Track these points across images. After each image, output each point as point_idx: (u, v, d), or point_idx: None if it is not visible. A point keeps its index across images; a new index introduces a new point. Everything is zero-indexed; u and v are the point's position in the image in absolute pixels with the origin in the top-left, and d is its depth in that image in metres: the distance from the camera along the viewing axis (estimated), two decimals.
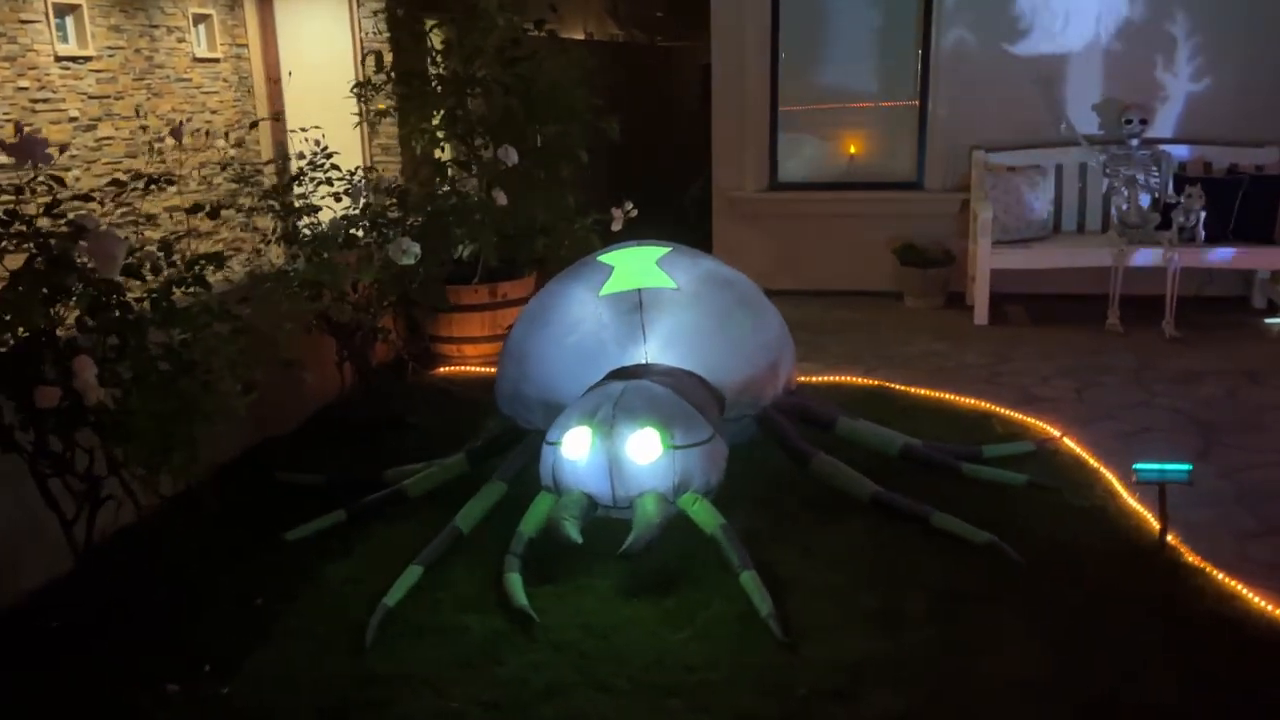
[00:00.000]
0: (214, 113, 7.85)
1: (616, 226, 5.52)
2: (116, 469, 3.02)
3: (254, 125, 7.00)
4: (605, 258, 4.34)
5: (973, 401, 5.06)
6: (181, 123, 5.00)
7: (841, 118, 7.62)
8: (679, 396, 3.58)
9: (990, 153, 6.96)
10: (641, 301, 4.06)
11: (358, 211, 4.65)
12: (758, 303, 4.33)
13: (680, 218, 8.58)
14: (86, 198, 3.00)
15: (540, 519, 3.43)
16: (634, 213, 5.53)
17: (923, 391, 5.24)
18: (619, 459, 3.36)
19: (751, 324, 4.20)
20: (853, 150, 7.63)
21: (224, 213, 4.03)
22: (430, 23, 6.13)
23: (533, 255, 5.96)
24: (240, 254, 4.96)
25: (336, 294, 4.53)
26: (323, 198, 4.67)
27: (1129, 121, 6.66)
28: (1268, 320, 6.44)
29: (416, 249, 4.25)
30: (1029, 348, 6.06)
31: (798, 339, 4.57)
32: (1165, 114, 6.83)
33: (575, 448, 3.42)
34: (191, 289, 3.10)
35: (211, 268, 3.18)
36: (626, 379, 3.69)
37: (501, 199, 5.17)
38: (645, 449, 3.37)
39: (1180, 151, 6.72)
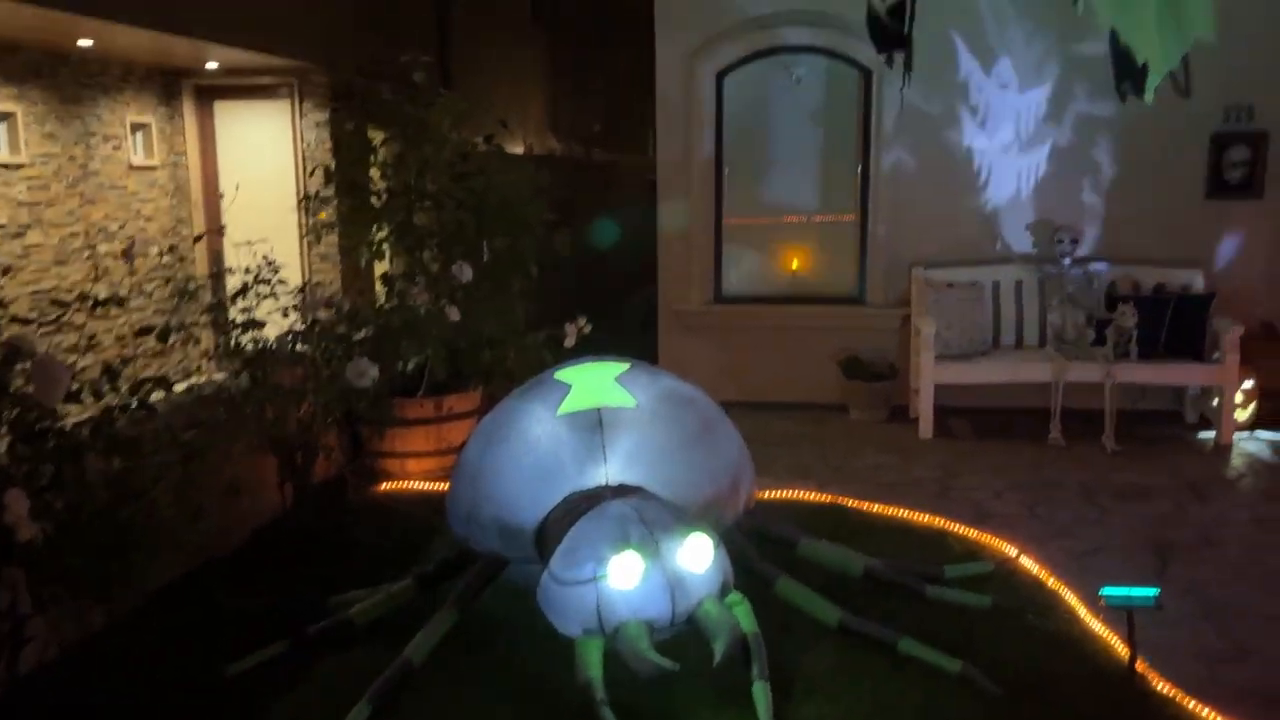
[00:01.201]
0: (148, 220, 7.68)
1: (569, 342, 5.46)
2: (44, 607, 2.79)
3: (198, 239, 6.86)
4: (562, 374, 4.26)
5: (927, 518, 5.03)
6: (133, 241, 4.85)
7: (785, 232, 7.78)
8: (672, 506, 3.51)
9: (929, 269, 7.13)
10: (601, 420, 3.97)
11: (305, 326, 4.52)
12: (717, 420, 4.28)
13: (627, 329, 8.57)
14: (25, 321, 2.84)
15: (600, 663, 3.17)
16: (587, 328, 5.49)
17: (877, 508, 5.20)
18: (677, 573, 3.22)
19: (712, 442, 4.14)
20: (795, 265, 7.76)
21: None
22: (377, 136, 6.12)
23: (480, 367, 5.86)
24: (181, 370, 4.77)
25: (281, 413, 4.36)
26: (269, 313, 4.54)
27: (1060, 241, 6.89)
28: (1201, 435, 6.60)
29: (374, 371, 4.13)
30: (976, 462, 6.10)
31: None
32: (1094, 234, 7.10)
33: (627, 575, 3.22)
34: (135, 412, 2.93)
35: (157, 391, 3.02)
36: (602, 500, 3.57)
37: (454, 314, 5.09)
38: (700, 554, 3.26)
39: (1111, 270, 6.95)
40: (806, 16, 7.09)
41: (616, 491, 3.72)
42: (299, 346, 4.49)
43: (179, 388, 3.99)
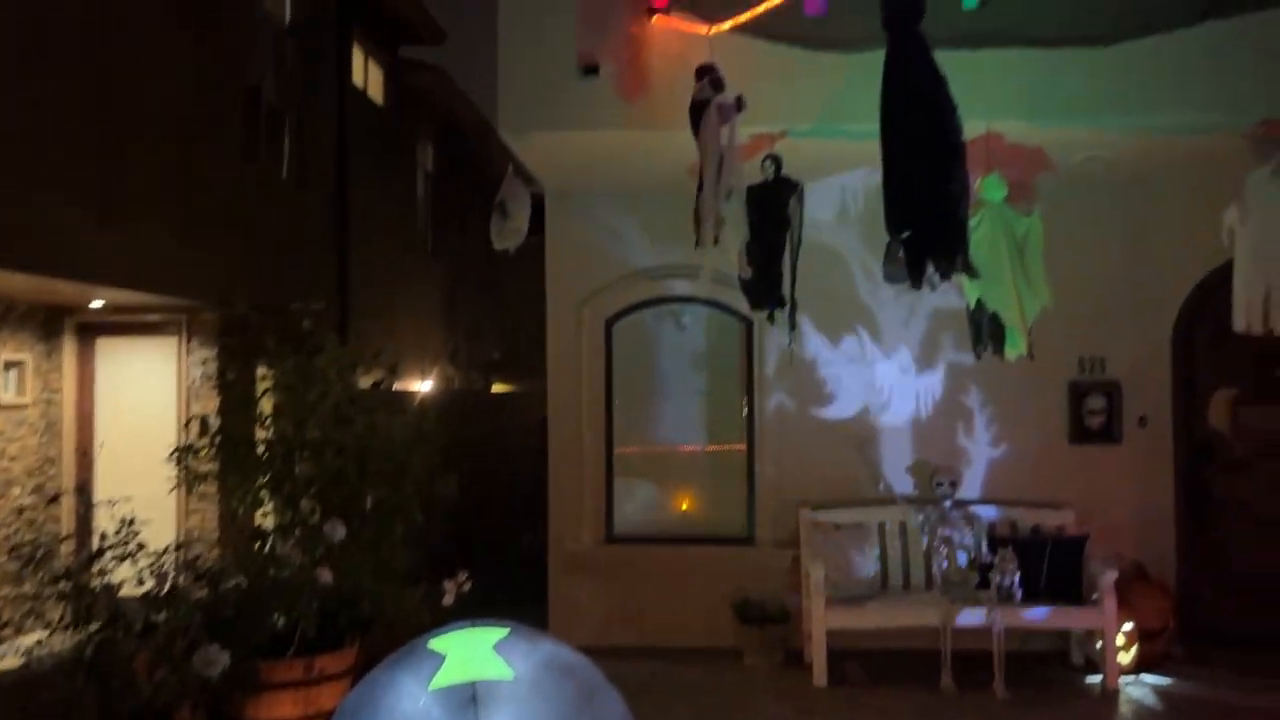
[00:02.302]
0: (13, 460, 7.35)
1: (448, 600, 5.28)
2: None
3: (53, 500, 6.57)
4: (436, 643, 4.03)
5: None
6: None
7: (676, 464, 7.84)
8: None
9: (817, 510, 7.22)
10: (476, 695, 3.74)
11: (163, 593, 4.27)
12: (600, 689, 4.06)
13: (516, 570, 8.37)
14: None
15: None
16: (467, 585, 5.33)
17: None
18: None
19: (595, 715, 3.95)
20: (686, 505, 7.79)
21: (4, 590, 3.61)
22: (262, 385, 6.05)
23: (357, 620, 5.58)
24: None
25: (126, 683, 4.04)
26: (123, 581, 4.29)
27: (940, 484, 7.10)
28: (1089, 679, 6.63)
29: (225, 659, 3.88)
30: (871, 713, 5.98)
31: (641, 706, 4.32)
32: (972, 477, 7.34)
33: None
34: None
35: None
36: None
37: (326, 576, 4.89)
38: None
39: (989, 512, 7.16)
40: (689, 270, 7.43)
41: None
42: (156, 615, 4.21)
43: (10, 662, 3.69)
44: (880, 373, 7.45)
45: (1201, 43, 5.75)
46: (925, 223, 4.20)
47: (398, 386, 11.39)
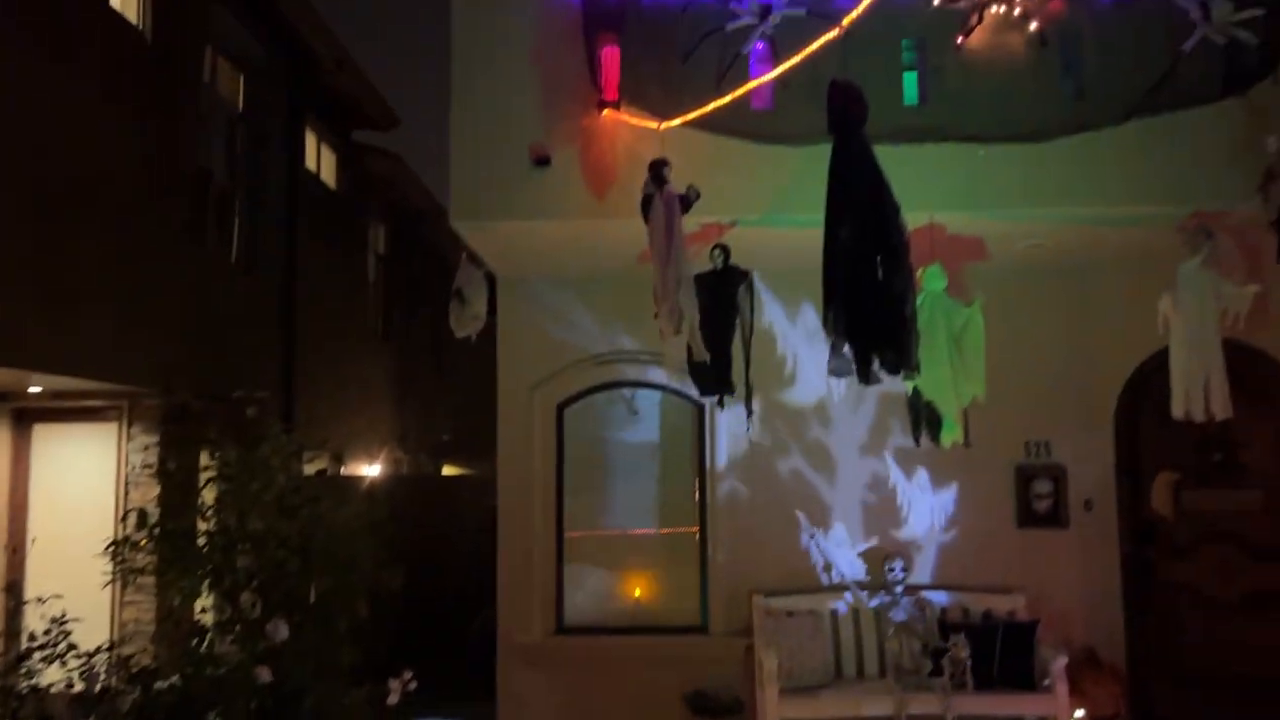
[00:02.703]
0: None
1: (393, 699, 5.12)
2: None
3: None
4: None
5: None
6: None
7: (628, 548, 7.75)
8: None
9: (770, 597, 7.16)
10: None
11: (93, 696, 4.10)
12: None
13: (465, 663, 8.17)
14: None
15: None
16: (413, 684, 5.18)
17: None
18: None
19: None
20: (638, 593, 7.68)
21: None
22: (204, 475, 5.92)
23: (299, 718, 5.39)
24: None
25: None
26: (52, 684, 4.11)
27: (891, 569, 7.09)
28: None
29: None
30: None
31: None
32: (923, 561, 7.35)
33: None
34: None
35: None
36: None
37: (265, 675, 4.73)
38: None
39: (940, 597, 7.15)
40: (642, 355, 7.48)
41: None
42: (85, 719, 4.03)
43: None
44: (830, 457, 7.48)
45: (1130, 139, 5.98)
46: (871, 321, 4.28)
47: (345, 472, 11.24)
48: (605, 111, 5.97)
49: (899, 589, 7.07)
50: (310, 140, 11.51)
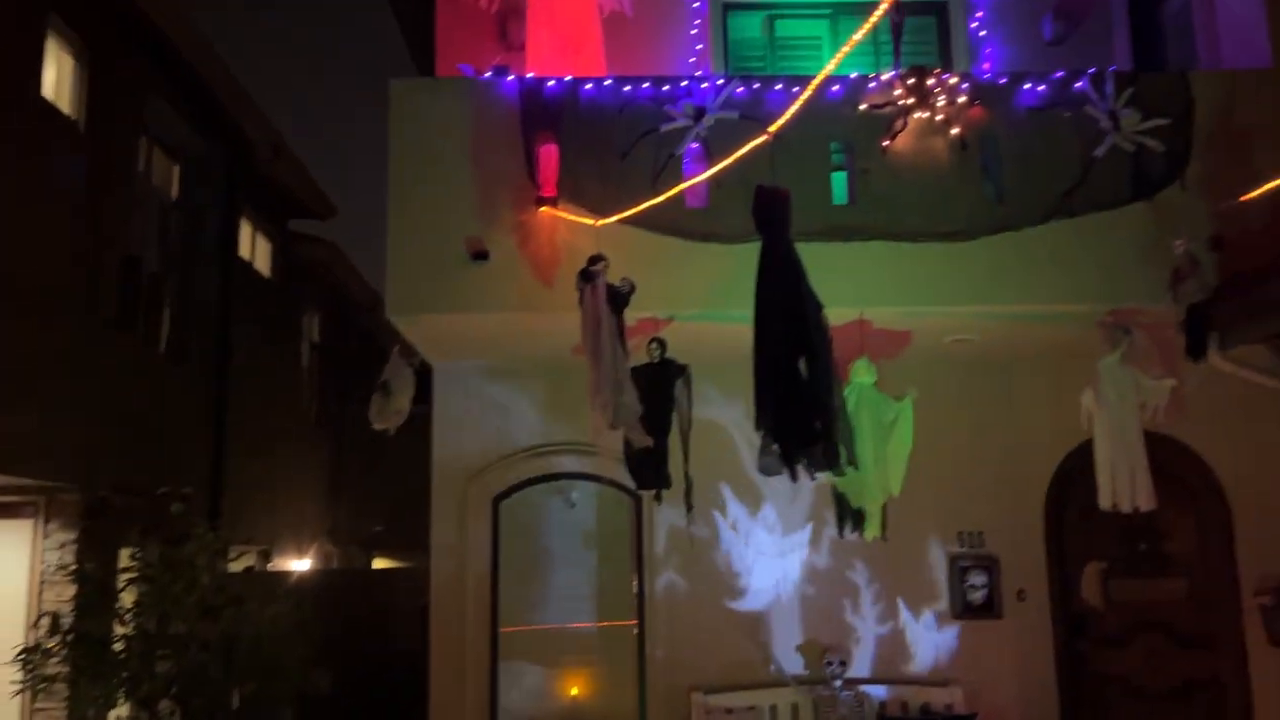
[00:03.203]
0: None
1: None
2: None
3: None
4: None
5: None
6: None
7: (565, 644, 7.58)
8: None
9: (709, 694, 7.05)
10: None
11: None
12: None
13: None
14: None
15: None
16: None
17: None
18: None
19: None
20: (575, 691, 7.51)
21: None
22: (124, 576, 5.71)
23: None
24: None
25: None
26: None
27: (829, 663, 7.05)
28: None
29: None
30: None
31: None
32: (861, 654, 7.32)
33: None
34: None
35: None
36: None
37: None
38: None
39: (879, 691, 7.11)
40: (578, 447, 7.45)
41: None
42: None
43: None
44: (767, 550, 7.46)
45: (1049, 240, 6.23)
46: (796, 422, 4.33)
47: (273, 567, 10.89)
48: (543, 208, 6.05)
49: (838, 684, 7.02)
50: (245, 229, 11.44)
